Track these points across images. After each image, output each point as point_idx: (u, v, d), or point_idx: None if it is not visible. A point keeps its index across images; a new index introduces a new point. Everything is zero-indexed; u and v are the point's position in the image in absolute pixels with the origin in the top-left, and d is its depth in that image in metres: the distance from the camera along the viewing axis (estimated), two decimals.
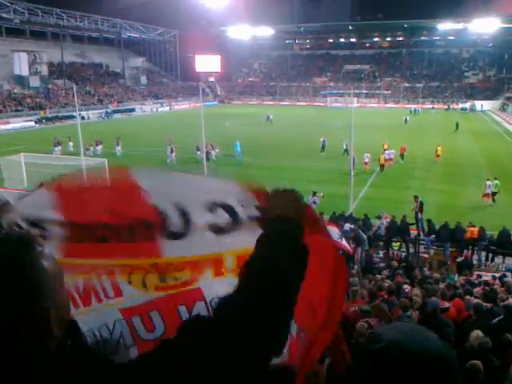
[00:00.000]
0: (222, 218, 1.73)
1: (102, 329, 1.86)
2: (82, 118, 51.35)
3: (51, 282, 1.00)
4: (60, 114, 57.52)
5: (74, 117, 40.34)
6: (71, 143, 31.96)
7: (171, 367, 0.98)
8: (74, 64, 79.11)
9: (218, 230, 1.76)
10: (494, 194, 21.16)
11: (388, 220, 16.61)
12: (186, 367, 0.98)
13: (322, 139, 33.02)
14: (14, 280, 0.95)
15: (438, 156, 30.02)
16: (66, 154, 28.84)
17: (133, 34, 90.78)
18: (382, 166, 27.61)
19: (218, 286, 1.89)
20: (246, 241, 1.73)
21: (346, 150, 28.55)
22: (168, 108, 74.98)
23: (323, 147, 32.66)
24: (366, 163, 27.38)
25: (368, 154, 27.46)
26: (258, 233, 1.34)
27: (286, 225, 1.30)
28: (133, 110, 69.03)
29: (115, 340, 1.85)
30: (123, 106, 69.42)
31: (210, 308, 1.90)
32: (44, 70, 67.89)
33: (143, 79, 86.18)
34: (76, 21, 76.58)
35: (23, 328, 0.93)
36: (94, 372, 0.97)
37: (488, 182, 21.21)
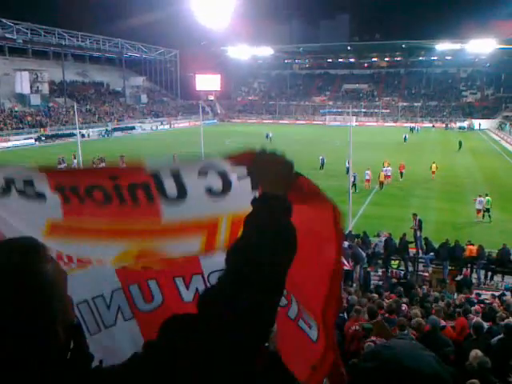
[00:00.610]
0: (214, 180, 1.79)
1: (97, 300, 1.87)
2: (82, 135, 51.44)
3: (57, 286, 1.02)
4: (60, 132, 57.77)
5: (75, 135, 40.48)
6: (75, 161, 31.97)
7: (170, 362, 0.99)
8: (75, 83, 79.79)
9: (212, 193, 1.81)
10: (487, 210, 21.26)
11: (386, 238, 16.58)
12: (184, 361, 0.98)
13: (320, 157, 33.13)
14: (23, 286, 0.97)
15: (433, 173, 30.47)
16: None
17: (134, 54, 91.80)
18: (382, 184, 27.91)
19: (216, 259, 1.90)
20: (239, 206, 1.77)
21: (347, 168, 28.72)
22: (168, 126, 75.30)
23: (322, 165, 32.72)
24: (366, 180, 27.65)
25: (368, 172, 27.71)
26: (249, 197, 1.31)
27: (272, 205, 1.24)
28: (133, 128, 69.29)
29: (113, 314, 1.87)
30: (123, 124, 69.69)
31: (208, 283, 1.89)
32: (45, 88, 68.44)
33: (144, 98, 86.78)
34: (78, 40, 77.57)
35: (31, 332, 0.95)
36: (93, 376, 0.99)
37: (479, 199, 21.36)
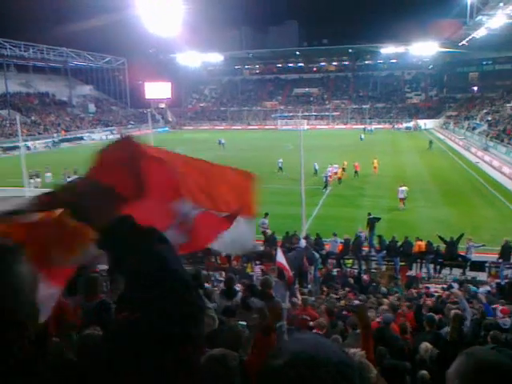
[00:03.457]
0: None
1: None
2: (28, 148, 50.90)
3: (28, 287, 1.03)
4: (4, 145, 55.42)
5: (20, 147, 38.99)
6: (49, 174, 31.08)
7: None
8: (18, 94, 76.89)
9: None
10: (404, 198, 23.23)
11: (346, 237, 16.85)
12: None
13: (279, 160, 33.53)
14: None
15: (375, 168, 32.51)
16: (44, 185, 27.84)
17: (80, 63, 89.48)
18: (340, 180, 29.95)
19: None
20: None
21: (316, 170, 31.25)
22: (118, 135, 73.67)
23: (281, 168, 33.05)
24: (329, 176, 29.06)
25: (330, 169, 29.74)
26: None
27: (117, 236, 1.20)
28: (81, 138, 67.51)
29: None
30: (71, 135, 67.78)
31: None
32: None
33: (91, 107, 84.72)
34: (20, 50, 74.75)
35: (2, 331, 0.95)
36: (55, 369, 1.04)
37: (401, 188, 23.16)
